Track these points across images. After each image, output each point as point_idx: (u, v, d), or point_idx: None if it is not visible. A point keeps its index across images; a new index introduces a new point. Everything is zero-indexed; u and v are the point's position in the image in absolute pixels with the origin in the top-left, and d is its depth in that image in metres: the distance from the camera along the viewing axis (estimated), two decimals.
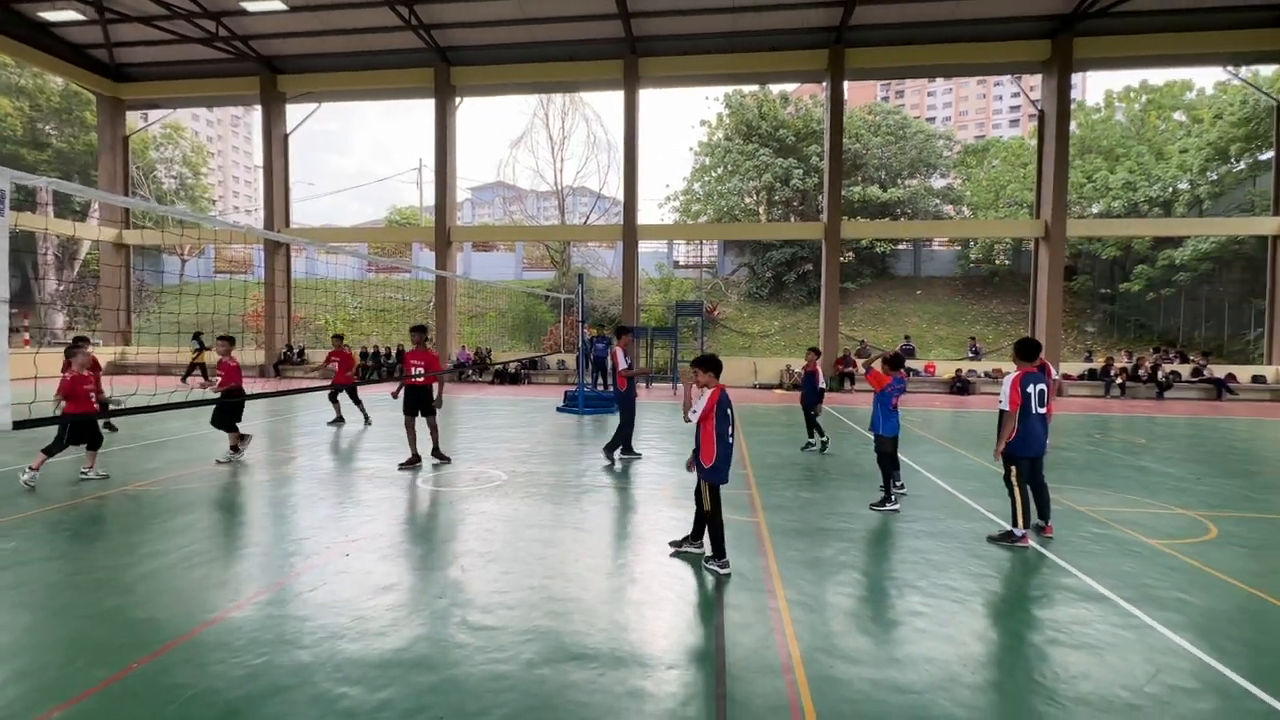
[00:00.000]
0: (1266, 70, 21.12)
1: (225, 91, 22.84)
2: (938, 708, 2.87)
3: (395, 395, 8.06)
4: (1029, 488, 5.25)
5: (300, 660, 3.22)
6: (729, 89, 31.73)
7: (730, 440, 4.44)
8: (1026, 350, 5.31)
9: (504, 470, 7.63)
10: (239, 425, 7.96)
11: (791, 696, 2.95)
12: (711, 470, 4.42)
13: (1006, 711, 2.88)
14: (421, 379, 7.79)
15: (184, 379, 18.60)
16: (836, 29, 18.54)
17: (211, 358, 11.70)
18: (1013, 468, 5.15)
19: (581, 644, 3.42)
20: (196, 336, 19.68)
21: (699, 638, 3.54)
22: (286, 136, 22.83)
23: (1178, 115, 29.27)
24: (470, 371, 21.07)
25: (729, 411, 4.42)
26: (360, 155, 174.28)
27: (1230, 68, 20.10)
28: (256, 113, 23.55)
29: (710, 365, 4.50)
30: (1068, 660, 3.32)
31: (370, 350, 22.39)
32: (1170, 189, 26.09)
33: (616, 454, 8.25)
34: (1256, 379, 18.38)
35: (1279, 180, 18.86)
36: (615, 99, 20.78)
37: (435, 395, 7.96)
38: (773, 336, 27.38)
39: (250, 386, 8.74)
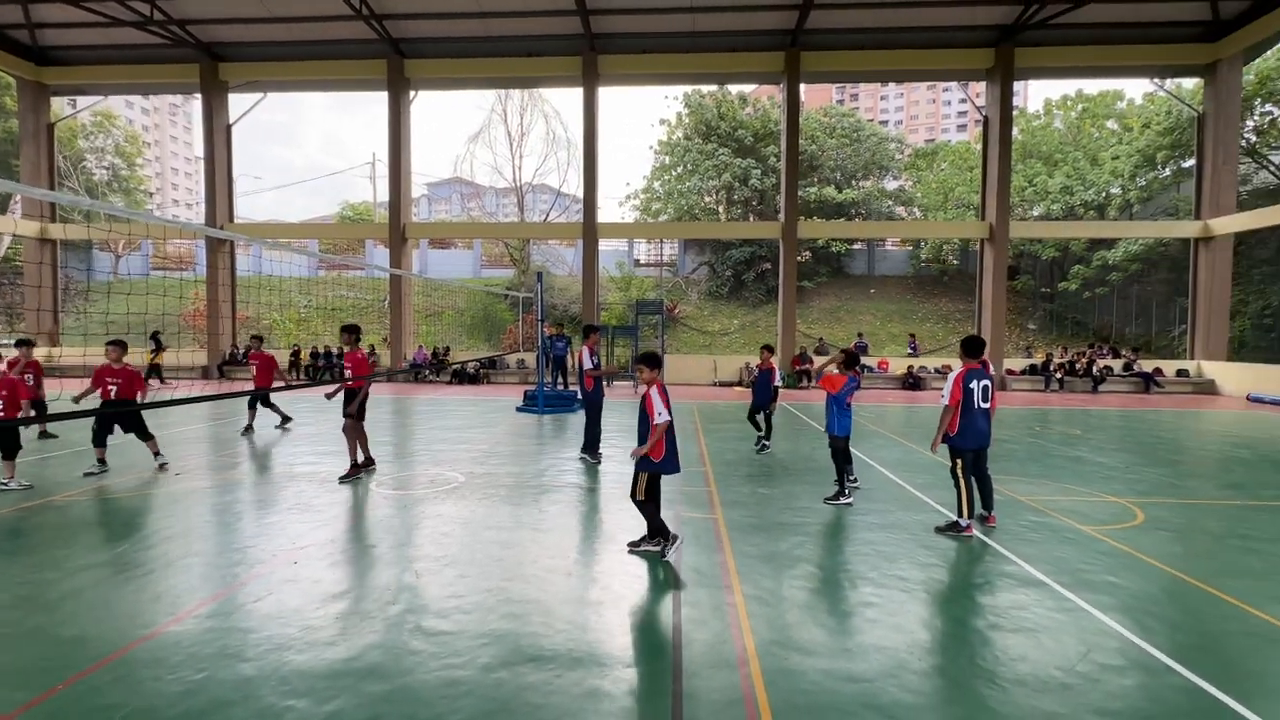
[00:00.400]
0: (1188, 83, 22.50)
1: (162, 79, 21.73)
2: (886, 695, 2.97)
3: (330, 398, 7.32)
4: (973, 479, 5.46)
5: (243, 674, 3.09)
6: (688, 89, 31.92)
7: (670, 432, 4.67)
8: (972, 347, 5.50)
9: (461, 472, 7.50)
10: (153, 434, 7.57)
11: (746, 690, 3.00)
12: (653, 461, 4.59)
13: (950, 695, 2.99)
14: (350, 382, 7.14)
15: (145, 380, 17.88)
16: (793, 32, 18.88)
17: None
18: (958, 460, 5.37)
19: (539, 646, 3.40)
20: (154, 336, 19.04)
21: (657, 635, 3.56)
22: (229, 127, 21.86)
23: (1110, 124, 30.93)
24: (427, 372, 20.62)
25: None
26: (310, 148, 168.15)
27: (1156, 80, 21.37)
28: (197, 101, 22.45)
29: (650, 361, 4.70)
30: (1007, 644, 3.47)
31: (322, 351, 21.67)
32: (1104, 193, 27.52)
33: (587, 455, 8.13)
34: (1180, 373, 19.60)
35: (1199, 187, 20.15)
36: (574, 96, 20.64)
37: (355, 400, 7.07)
38: (732, 334, 27.71)
39: (189, 390, 8.34)
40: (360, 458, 7.25)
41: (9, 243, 30.18)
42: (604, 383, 8.81)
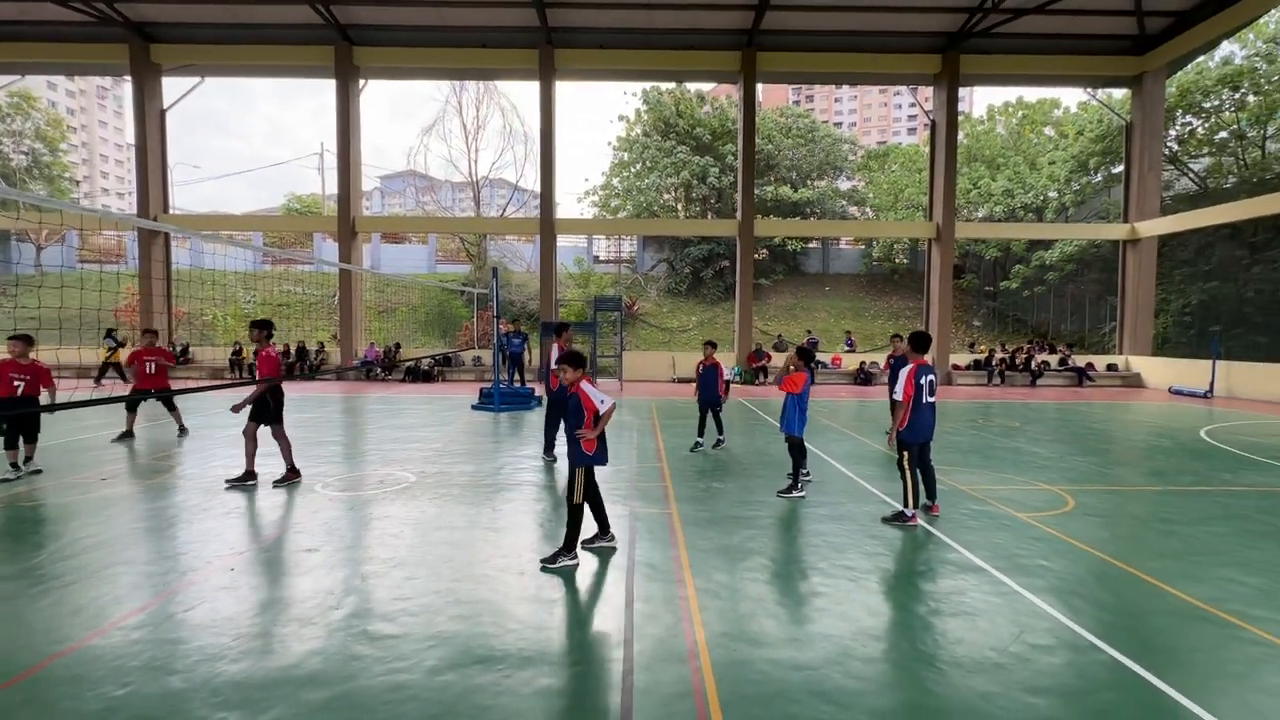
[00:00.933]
0: (1118, 93, 23.80)
1: (87, 59, 20.35)
2: (831, 681, 3.04)
3: (237, 410, 6.53)
4: (919, 471, 5.65)
5: (172, 687, 2.93)
6: (646, 85, 31.93)
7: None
8: (921, 343, 5.62)
9: (413, 471, 7.32)
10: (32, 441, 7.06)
11: (696, 682, 3.02)
12: (587, 454, 4.53)
13: (892, 679, 3.08)
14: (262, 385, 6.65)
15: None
16: (749, 32, 19.09)
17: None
18: (905, 453, 5.49)
19: (489, 646, 3.34)
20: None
21: (609, 631, 3.55)
22: (164, 112, 20.69)
23: (1048, 130, 32.45)
24: (379, 370, 20.05)
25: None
26: (253, 137, 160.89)
27: (1089, 90, 22.54)
28: (128, 85, 21.16)
29: (574, 361, 4.54)
30: (947, 628, 3.60)
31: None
32: (1042, 197, 28.88)
33: (546, 455, 7.94)
34: (1110, 367, 20.78)
35: (1127, 192, 21.36)
36: (532, 89, 20.35)
37: (247, 400, 6.54)
38: (691, 331, 27.90)
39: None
40: (283, 466, 6.79)
41: None
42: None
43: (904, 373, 5.46)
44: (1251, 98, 22.70)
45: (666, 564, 4.53)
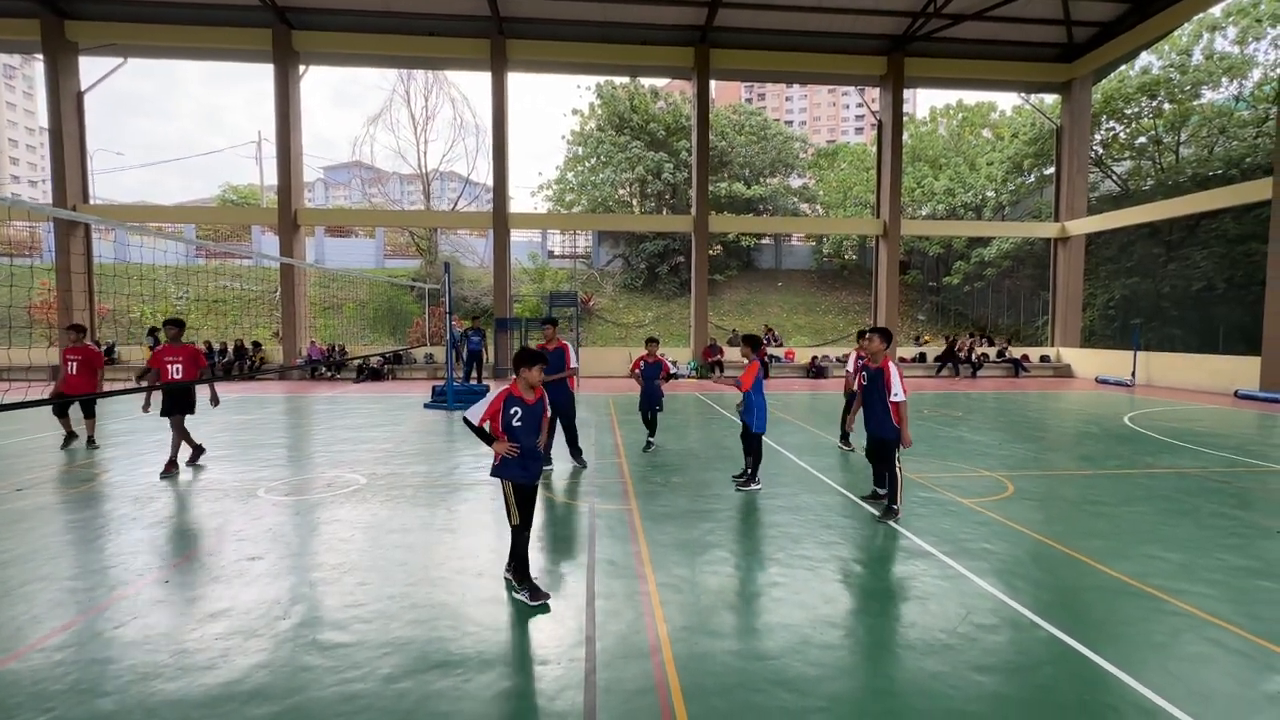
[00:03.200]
0: (1049, 98, 25.07)
1: None
2: (791, 669, 3.09)
3: (146, 409, 7.30)
4: (871, 461, 5.82)
5: (101, 710, 2.74)
6: (600, 79, 31.74)
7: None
8: (890, 337, 5.62)
9: (363, 473, 7.08)
10: None
11: (659, 676, 3.03)
12: (502, 467, 3.87)
13: (849, 664, 3.17)
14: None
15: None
16: (702, 28, 19.20)
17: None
18: (897, 452, 5.44)
19: (446, 650, 3.26)
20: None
21: (570, 630, 3.52)
22: (81, 95, 19.29)
23: (986, 132, 33.97)
24: (324, 369, 19.31)
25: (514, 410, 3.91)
26: (184, 123, 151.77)
27: (1022, 94, 23.67)
28: (39, 64, 19.59)
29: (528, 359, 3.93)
30: (899, 612, 3.73)
31: (203, 347, 19.72)
32: (980, 196, 30.22)
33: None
34: (1044, 359, 21.95)
35: (1058, 192, 22.57)
36: (483, 80, 19.90)
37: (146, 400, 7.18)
38: (647, 326, 27.97)
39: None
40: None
41: None
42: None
43: (894, 371, 5.37)
44: (1167, 105, 24.33)
45: (627, 560, 4.52)
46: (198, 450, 7.61)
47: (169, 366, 7.19)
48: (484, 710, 2.77)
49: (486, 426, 3.86)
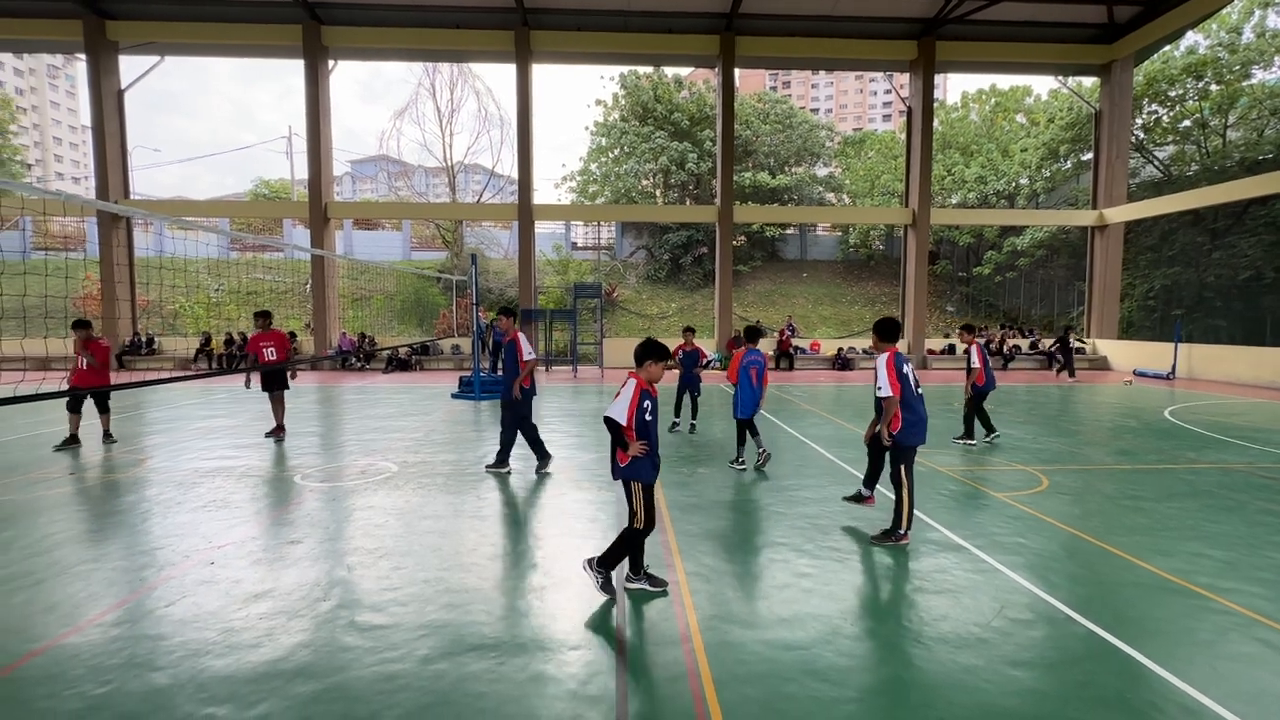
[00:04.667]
0: (1088, 81, 24.23)
1: (37, 35, 19.40)
2: (822, 659, 3.09)
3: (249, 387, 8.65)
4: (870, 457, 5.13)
5: (155, 684, 2.87)
6: (624, 69, 31.58)
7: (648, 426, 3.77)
8: (888, 330, 4.84)
9: (394, 461, 7.23)
10: None
11: (689, 664, 3.05)
12: (633, 468, 3.71)
13: (880, 655, 3.15)
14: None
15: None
16: (727, 16, 18.96)
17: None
18: (903, 463, 4.65)
19: (480, 634, 3.33)
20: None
21: (601, 617, 3.56)
22: (121, 93, 19.87)
23: (1020, 117, 32.96)
24: (355, 359, 19.70)
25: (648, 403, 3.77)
26: (217, 120, 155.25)
27: (1059, 77, 22.91)
28: (82, 63, 20.19)
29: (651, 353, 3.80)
30: (931, 605, 3.69)
31: (238, 338, 20.28)
32: (1014, 184, 29.39)
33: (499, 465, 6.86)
34: (1079, 351, 21.33)
35: (1096, 179, 21.84)
36: (507, 72, 19.98)
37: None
38: (670, 317, 27.92)
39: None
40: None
41: None
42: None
43: (881, 363, 4.66)
44: (1214, 87, 23.32)
45: (655, 549, 4.55)
46: (280, 430, 8.55)
47: (264, 350, 8.26)
48: (518, 692, 2.83)
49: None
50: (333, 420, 10.56)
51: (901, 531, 4.64)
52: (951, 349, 21.39)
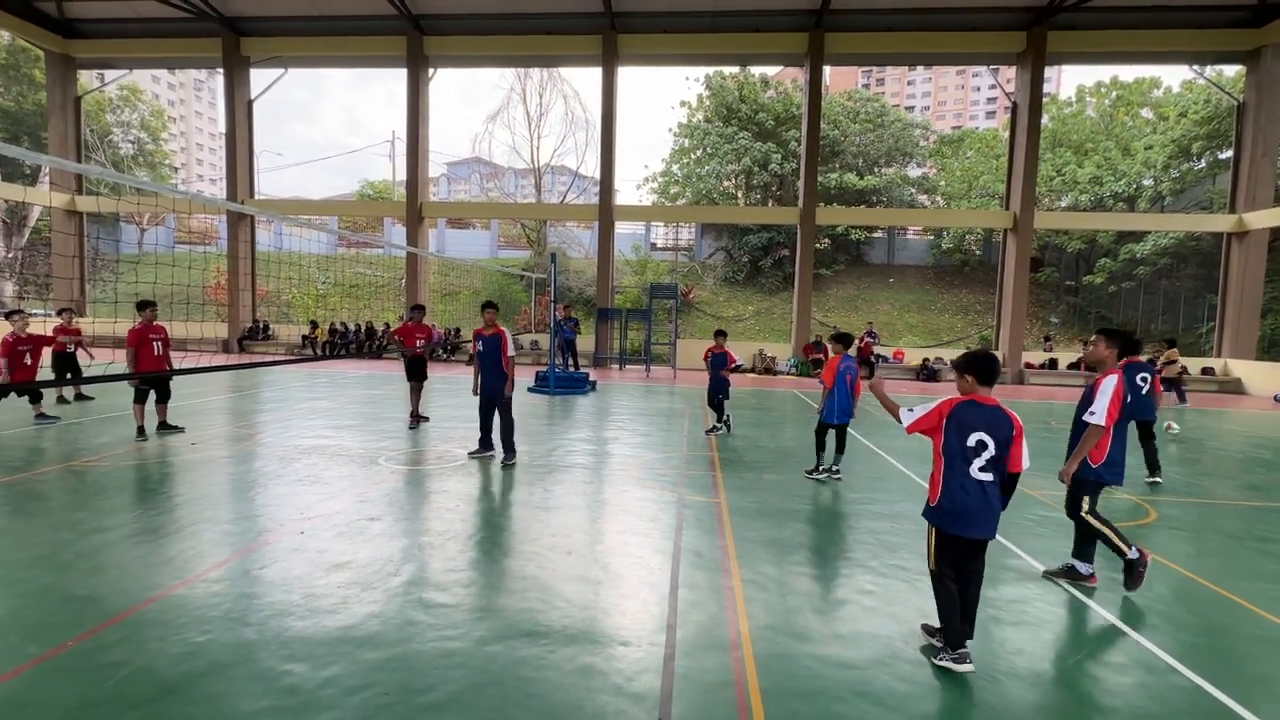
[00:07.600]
0: (1229, 70, 21.65)
1: (185, 53, 21.87)
2: (877, 682, 2.95)
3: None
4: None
5: (245, 638, 3.16)
6: (709, 70, 31.44)
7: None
8: (1125, 342, 4.20)
9: (469, 449, 7.57)
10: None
11: (738, 672, 3.00)
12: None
13: (942, 684, 2.97)
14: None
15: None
16: (817, 12, 18.45)
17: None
18: (1085, 498, 4.02)
19: (535, 621, 3.43)
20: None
21: (652, 615, 3.57)
22: (251, 103, 21.99)
23: (1145, 112, 29.94)
24: (441, 351, 20.78)
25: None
26: (330, 125, 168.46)
27: (1195, 67, 20.58)
28: (220, 77, 22.56)
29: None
30: (1005, 636, 3.43)
31: (340, 327, 21.93)
32: (1135, 185, 26.74)
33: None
34: (1206, 371, 19.10)
35: (1236, 179, 19.46)
36: (594, 76, 20.40)
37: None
38: (747, 320, 27.55)
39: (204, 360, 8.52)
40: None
41: (39, 214, 30.82)
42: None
43: (1109, 386, 3.82)
44: None
45: (713, 553, 4.51)
46: (419, 418, 9.00)
47: (417, 341, 9.10)
48: (566, 681, 2.89)
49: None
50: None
51: (1135, 560, 3.86)
52: (1053, 364, 19.75)
